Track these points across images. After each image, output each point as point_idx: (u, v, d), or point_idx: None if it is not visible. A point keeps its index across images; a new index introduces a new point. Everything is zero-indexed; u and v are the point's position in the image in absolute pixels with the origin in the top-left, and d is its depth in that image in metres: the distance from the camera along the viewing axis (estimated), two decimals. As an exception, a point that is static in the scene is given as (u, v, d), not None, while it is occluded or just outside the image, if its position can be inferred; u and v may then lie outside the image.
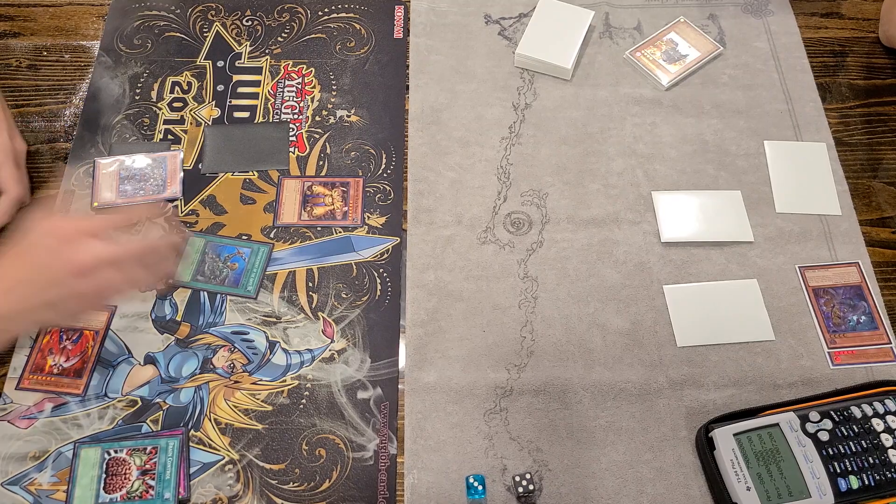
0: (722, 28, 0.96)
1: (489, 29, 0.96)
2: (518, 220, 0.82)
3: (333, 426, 0.71)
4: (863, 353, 0.74)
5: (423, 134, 0.88)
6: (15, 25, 0.97)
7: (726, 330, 0.76)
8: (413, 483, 0.69)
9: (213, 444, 0.70)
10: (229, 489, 0.68)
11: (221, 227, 0.81)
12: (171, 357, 0.74)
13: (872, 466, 0.65)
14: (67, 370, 0.73)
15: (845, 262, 0.79)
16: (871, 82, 0.93)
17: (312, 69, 0.93)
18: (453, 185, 0.84)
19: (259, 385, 0.73)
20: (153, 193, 0.83)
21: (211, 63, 0.93)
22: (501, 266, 0.79)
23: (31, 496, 0.67)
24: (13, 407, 0.71)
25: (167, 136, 0.87)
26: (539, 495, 0.68)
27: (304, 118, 0.89)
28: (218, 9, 0.97)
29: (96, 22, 0.97)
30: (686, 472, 0.69)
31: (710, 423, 0.69)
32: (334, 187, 0.84)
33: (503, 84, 0.92)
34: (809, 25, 0.97)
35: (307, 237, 0.81)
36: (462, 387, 0.73)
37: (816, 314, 0.76)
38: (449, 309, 0.77)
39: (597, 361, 0.74)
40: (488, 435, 0.71)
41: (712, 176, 0.85)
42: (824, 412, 0.67)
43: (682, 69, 0.92)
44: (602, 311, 0.77)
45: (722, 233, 0.81)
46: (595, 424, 0.71)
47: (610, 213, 0.82)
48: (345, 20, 0.97)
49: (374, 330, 0.76)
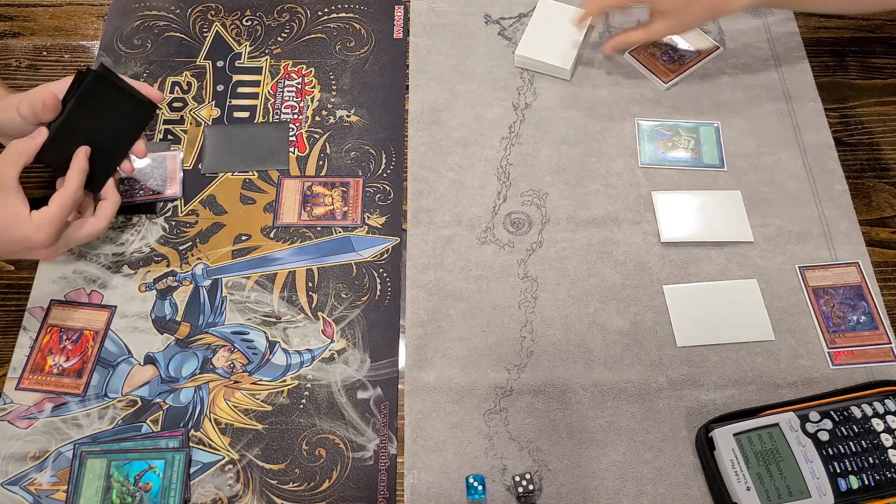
0: (722, 28, 0.96)
1: (489, 29, 0.96)
2: (518, 220, 0.82)
3: (333, 426, 0.71)
4: (863, 353, 0.74)
5: (423, 134, 0.88)
6: (15, 25, 0.97)
7: (726, 330, 0.76)
8: (413, 483, 0.69)
9: (213, 444, 0.70)
10: (229, 489, 0.68)
11: (221, 227, 0.81)
12: (170, 357, 0.74)
13: (872, 466, 0.65)
14: (67, 370, 0.73)
15: (845, 262, 0.79)
16: (871, 82, 0.93)
17: (312, 69, 0.93)
18: (453, 185, 0.84)
19: (259, 385, 0.73)
20: (153, 193, 0.83)
21: (211, 63, 0.93)
22: (501, 266, 0.79)
23: (31, 496, 0.67)
24: (13, 407, 0.71)
25: (167, 136, 0.87)
26: (539, 495, 0.68)
27: (304, 118, 0.89)
28: (218, 9, 0.97)
29: (96, 22, 0.97)
30: (686, 472, 0.69)
31: (710, 423, 0.69)
32: (334, 187, 0.84)
33: (503, 84, 0.92)
34: (809, 25, 0.97)
35: (307, 237, 0.81)
36: (462, 387, 0.73)
37: (816, 314, 0.76)
38: (449, 309, 0.77)
39: (597, 361, 0.74)
40: (488, 435, 0.71)
41: (712, 176, 0.85)
42: (824, 412, 0.67)
43: (682, 69, 0.92)
44: (602, 311, 0.77)
45: (722, 233, 0.81)
46: (595, 424, 0.71)
47: (610, 213, 0.82)
48: (345, 20, 0.97)
49: (374, 330, 0.76)
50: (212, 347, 0.75)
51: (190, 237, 0.81)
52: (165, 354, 0.74)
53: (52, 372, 0.73)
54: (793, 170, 0.85)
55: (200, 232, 0.81)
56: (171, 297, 0.77)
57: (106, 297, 0.77)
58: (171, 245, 0.80)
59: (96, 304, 0.76)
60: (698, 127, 0.88)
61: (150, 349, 0.74)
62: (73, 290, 0.77)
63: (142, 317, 0.76)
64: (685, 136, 0.87)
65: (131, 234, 0.81)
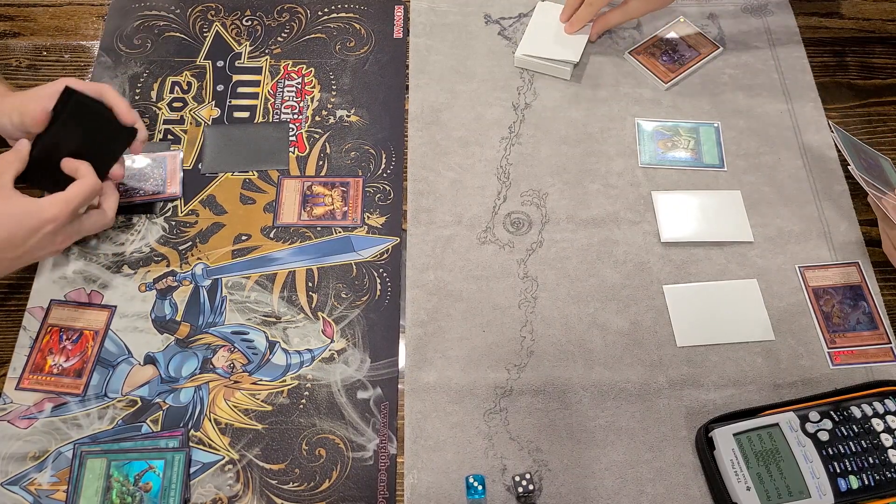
0: (722, 28, 0.96)
1: (489, 29, 0.96)
2: (518, 220, 0.82)
3: (333, 426, 0.71)
4: (863, 353, 0.74)
5: (422, 134, 0.88)
6: (15, 25, 0.97)
7: (726, 330, 0.76)
8: (413, 483, 0.69)
9: (213, 444, 0.70)
10: (229, 489, 0.68)
11: (221, 227, 0.81)
12: (170, 357, 0.74)
13: (872, 466, 0.65)
14: (67, 370, 0.73)
15: (845, 262, 0.79)
16: (871, 82, 0.93)
17: (312, 69, 0.93)
18: (453, 185, 0.84)
19: (259, 385, 0.73)
20: (153, 193, 0.83)
21: (211, 63, 0.93)
22: (501, 266, 0.79)
23: (31, 496, 0.67)
24: (13, 407, 0.71)
25: (167, 136, 0.87)
26: (539, 495, 0.68)
27: (303, 118, 0.89)
28: (218, 9, 0.97)
29: (96, 22, 0.97)
30: (686, 472, 0.69)
31: (709, 423, 0.69)
32: (334, 187, 0.84)
33: (503, 84, 0.92)
34: (809, 25, 0.97)
35: (307, 237, 0.81)
36: (462, 387, 0.73)
37: (816, 314, 0.76)
38: (449, 309, 0.77)
39: (597, 361, 0.74)
40: (488, 435, 0.71)
41: (712, 176, 0.85)
42: (824, 412, 0.67)
43: (682, 69, 0.92)
44: (602, 311, 0.77)
45: (722, 233, 0.81)
46: (595, 424, 0.71)
47: (610, 213, 0.82)
48: (345, 20, 0.97)
49: (374, 330, 0.76)
50: (212, 347, 0.75)
51: (190, 237, 0.81)
52: (165, 354, 0.74)
53: (52, 372, 0.73)
54: (793, 170, 0.85)
55: (200, 232, 0.81)
56: (171, 297, 0.77)
57: (106, 297, 0.77)
58: (171, 245, 0.80)
59: (96, 304, 0.76)
60: (698, 127, 0.88)
61: (150, 349, 0.74)
62: (73, 290, 0.77)
63: (142, 317, 0.76)
64: (685, 136, 0.87)
65: (131, 234, 0.81)
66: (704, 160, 0.86)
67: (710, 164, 0.86)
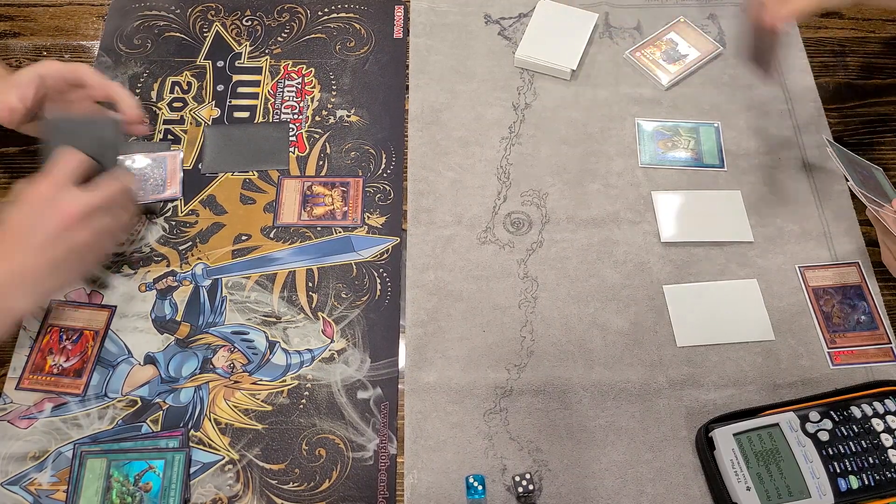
0: (722, 28, 0.96)
1: (489, 29, 0.96)
2: (518, 220, 0.82)
3: (333, 426, 0.71)
4: (863, 353, 0.74)
5: (423, 134, 0.88)
6: (15, 25, 0.97)
7: (726, 330, 0.76)
8: (413, 483, 0.69)
9: (213, 444, 0.70)
10: (229, 489, 0.68)
11: (221, 227, 0.81)
12: (170, 357, 0.74)
13: (872, 466, 0.65)
14: (67, 370, 0.73)
15: (845, 262, 0.79)
16: (871, 82, 0.93)
17: (312, 69, 0.93)
18: (453, 185, 0.84)
19: (259, 385, 0.73)
20: (153, 193, 0.83)
21: (211, 63, 0.93)
22: (501, 266, 0.79)
23: (31, 496, 0.67)
24: (13, 407, 0.71)
25: (167, 136, 0.87)
26: (539, 495, 0.68)
27: (303, 118, 0.89)
28: (218, 9, 0.97)
29: (96, 22, 0.97)
30: (686, 472, 0.69)
31: (710, 423, 0.69)
32: (334, 187, 0.84)
33: (503, 84, 0.92)
34: (809, 25, 0.97)
35: (307, 237, 0.81)
36: (462, 387, 0.73)
37: (816, 314, 0.76)
38: (449, 309, 0.77)
39: (597, 361, 0.74)
40: (488, 435, 0.71)
41: (712, 176, 0.85)
42: (824, 412, 0.67)
43: (682, 69, 0.92)
44: (602, 311, 0.77)
45: (722, 233, 0.81)
46: (595, 424, 0.71)
47: (610, 213, 0.82)
48: (345, 20, 0.97)
49: (374, 330, 0.76)
50: (212, 347, 0.75)
51: (190, 237, 0.81)
52: (165, 354, 0.74)
53: (52, 372, 0.73)
54: (793, 170, 0.85)
55: (200, 232, 0.81)
56: (171, 297, 0.77)
57: (106, 297, 0.77)
58: (171, 245, 0.80)
59: (96, 304, 0.76)
60: (698, 127, 0.88)
61: (150, 349, 0.74)
62: (73, 290, 0.77)
63: (142, 317, 0.76)
64: (685, 136, 0.87)
65: (131, 234, 0.81)
66: (704, 160, 0.86)
67: (710, 164, 0.86)
